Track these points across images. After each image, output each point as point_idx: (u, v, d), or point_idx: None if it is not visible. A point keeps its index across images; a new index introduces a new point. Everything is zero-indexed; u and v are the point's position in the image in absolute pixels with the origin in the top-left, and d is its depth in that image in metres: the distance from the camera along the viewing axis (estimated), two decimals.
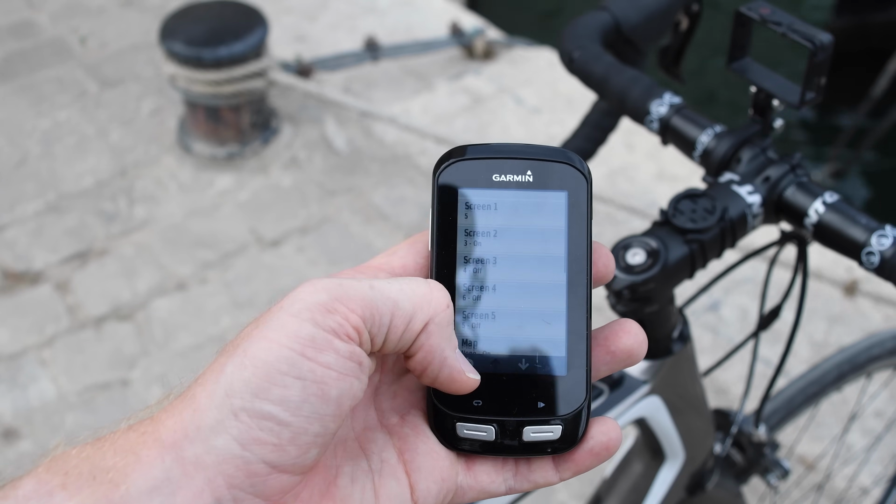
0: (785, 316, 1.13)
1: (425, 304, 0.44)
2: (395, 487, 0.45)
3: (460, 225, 0.48)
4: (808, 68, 0.83)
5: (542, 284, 0.48)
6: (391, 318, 0.43)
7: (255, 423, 0.39)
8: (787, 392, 1.45)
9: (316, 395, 0.40)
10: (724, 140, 0.90)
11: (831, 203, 0.84)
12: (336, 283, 0.42)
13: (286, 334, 0.40)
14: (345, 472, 0.44)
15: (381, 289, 0.43)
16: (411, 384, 0.49)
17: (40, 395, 2.33)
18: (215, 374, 0.40)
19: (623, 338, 0.48)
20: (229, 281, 2.63)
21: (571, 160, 0.49)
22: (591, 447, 0.47)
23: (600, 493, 1.16)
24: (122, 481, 0.38)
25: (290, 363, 0.40)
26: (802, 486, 1.97)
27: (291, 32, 3.59)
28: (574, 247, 0.48)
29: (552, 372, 0.47)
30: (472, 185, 0.49)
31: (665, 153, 2.94)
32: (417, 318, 0.44)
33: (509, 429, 0.47)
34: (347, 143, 3.10)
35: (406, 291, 0.44)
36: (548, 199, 0.49)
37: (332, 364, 0.41)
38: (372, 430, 0.47)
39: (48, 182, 2.96)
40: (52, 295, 2.59)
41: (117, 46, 3.55)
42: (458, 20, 3.52)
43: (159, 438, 0.39)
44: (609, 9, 1.03)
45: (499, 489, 0.48)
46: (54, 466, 0.39)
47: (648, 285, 0.83)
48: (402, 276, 0.46)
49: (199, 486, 0.39)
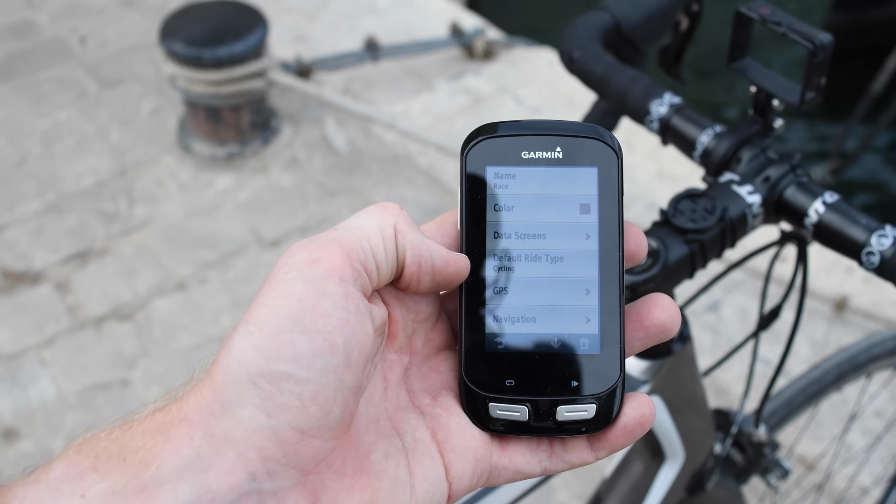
0: (785, 316, 1.13)
1: (383, 214, 0.46)
2: (429, 466, 0.45)
3: (489, 203, 0.48)
4: (808, 68, 0.83)
5: (574, 262, 0.47)
6: (368, 242, 0.44)
7: (275, 386, 0.39)
8: (787, 392, 1.45)
9: (323, 346, 0.40)
10: (724, 140, 0.90)
11: (831, 203, 0.84)
12: (307, 239, 0.44)
13: (281, 294, 0.41)
14: (378, 448, 0.44)
15: (344, 225, 0.45)
16: (441, 365, 0.49)
17: (40, 395, 2.33)
18: (226, 349, 0.41)
19: (656, 312, 0.48)
20: (229, 281, 2.63)
21: (602, 135, 0.48)
22: (625, 424, 0.47)
23: (600, 493, 1.16)
24: (153, 461, 0.38)
25: (293, 320, 0.40)
26: (802, 486, 1.97)
27: (291, 32, 3.59)
28: (605, 223, 0.47)
29: (585, 350, 0.47)
30: (501, 162, 0.48)
31: (665, 153, 2.94)
32: (386, 227, 0.45)
33: (543, 408, 0.46)
34: (347, 142, 3.10)
35: (362, 215, 0.46)
36: (578, 176, 0.48)
37: (331, 311, 0.41)
38: (404, 410, 0.47)
39: (48, 182, 2.96)
40: (52, 295, 2.59)
41: (117, 46, 3.55)
42: (458, 20, 3.52)
43: (185, 418, 0.40)
44: (609, 9, 1.02)
45: (534, 470, 0.47)
46: (84, 449, 0.39)
47: (648, 285, 0.83)
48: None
49: (231, 461, 0.39)
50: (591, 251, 0.47)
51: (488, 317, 0.47)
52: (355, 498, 0.42)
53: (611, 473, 1.16)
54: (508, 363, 0.47)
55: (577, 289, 0.47)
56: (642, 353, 0.96)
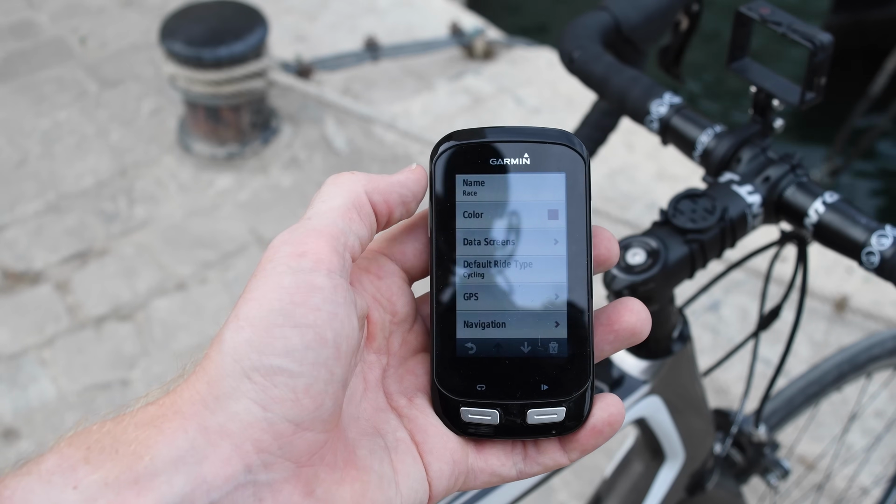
0: (785, 316, 1.13)
1: (346, 185, 0.46)
2: (411, 465, 0.46)
3: (458, 209, 0.49)
4: (808, 68, 0.83)
5: (542, 267, 0.48)
6: (346, 223, 0.45)
7: (269, 380, 0.40)
8: (787, 392, 1.45)
9: (314, 339, 0.41)
10: (723, 140, 0.90)
11: (831, 203, 0.84)
12: (288, 232, 0.44)
13: (271, 289, 0.41)
14: (362, 444, 0.45)
15: (315, 212, 0.45)
16: (417, 368, 0.49)
17: (40, 395, 2.33)
18: (217, 344, 0.41)
19: (626, 316, 0.48)
20: (229, 281, 2.63)
21: (570, 141, 0.49)
22: (594, 425, 0.48)
23: (600, 493, 1.16)
24: (146, 453, 0.38)
25: (283, 314, 0.41)
26: (802, 486, 1.97)
27: (291, 32, 3.59)
28: (573, 228, 0.48)
29: (555, 354, 0.48)
30: (470, 170, 0.49)
31: (665, 153, 2.94)
32: (360, 201, 0.46)
33: (513, 412, 0.47)
34: (347, 142, 3.10)
35: (323, 196, 0.46)
36: (546, 182, 0.49)
37: (321, 305, 0.41)
38: (383, 411, 0.48)
39: (48, 182, 2.96)
40: (52, 295, 2.59)
41: (117, 46, 3.55)
42: (458, 20, 3.52)
43: (179, 411, 0.40)
44: (609, 9, 1.02)
45: (510, 472, 0.48)
46: (76, 441, 0.39)
47: (648, 285, 0.83)
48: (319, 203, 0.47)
49: (227, 453, 0.39)
50: (559, 256, 0.48)
51: (459, 322, 0.48)
52: (347, 490, 0.43)
53: (611, 473, 1.16)
54: (479, 368, 0.48)
55: (547, 293, 0.48)
56: (642, 353, 0.96)
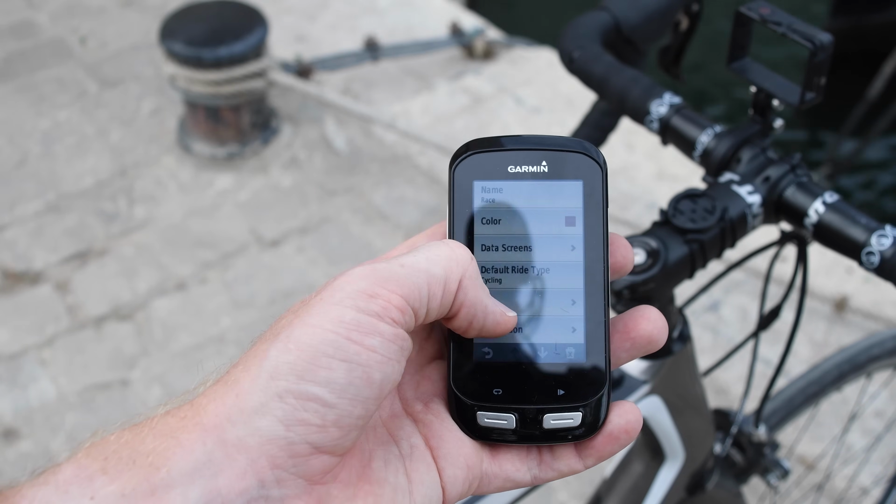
0: (785, 316, 1.13)
1: (453, 264, 0.45)
2: (425, 472, 0.46)
3: (477, 216, 0.49)
4: (807, 68, 0.83)
5: (559, 274, 0.49)
6: (428, 288, 0.44)
7: (301, 404, 0.40)
8: (787, 392, 1.45)
9: (361, 378, 0.41)
10: (723, 140, 0.90)
11: (831, 203, 0.84)
12: (369, 269, 0.43)
13: (330, 320, 0.41)
14: (377, 455, 0.45)
15: (411, 264, 0.44)
16: (433, 374, 0.50)
17: (40, 395, 2.33)
18: (258, 358, 0.41)
19: (643, 324, 0.49)
20: (229, 281, 2.63)
21: (587, 150, 0.50)
22: (611, 431, 0.48)
23: (600, 493, 1.16)
24: (163, 464, 0.38)
25: (335, 346, 0.40)
26: (802, 486, 1.97)
27: (291, 32, 3.59)
28: (590, 236, 0.49)
29: (571, 359, 0.48)
30: (488, 176, 0.49)
31: (665, 153, 2.94)
32: (451, 280, 0.45)
33: (529, 417, 0.47)
34: (347, 142, 3.10)
35: (433, 258, 0.45)
36: (563, 189, 0.49)
37: (378, 347, 0.41)
38: (398, 417, 0.48)
39: (48, 182, 2.96)
40: (52, 295, 2.59)
41: (117, 46, 3.55)
42: (458, 20, 3.52)
43: (200, 423, 0.40)
44: (609, 9, 1.02)
45: (524, 478, 0.48)
46: (94, 452, 0.39)
47: (648, 285, 0.83)
48: (418, 246, 0.47)
49: (242, 467, 0.39)
50: (576, 262, 0.49)
51: None
52: None
53: (611, 473, 1.16)
54: (496, 372, 0.48)
55: (563, 299, 0.48)
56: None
